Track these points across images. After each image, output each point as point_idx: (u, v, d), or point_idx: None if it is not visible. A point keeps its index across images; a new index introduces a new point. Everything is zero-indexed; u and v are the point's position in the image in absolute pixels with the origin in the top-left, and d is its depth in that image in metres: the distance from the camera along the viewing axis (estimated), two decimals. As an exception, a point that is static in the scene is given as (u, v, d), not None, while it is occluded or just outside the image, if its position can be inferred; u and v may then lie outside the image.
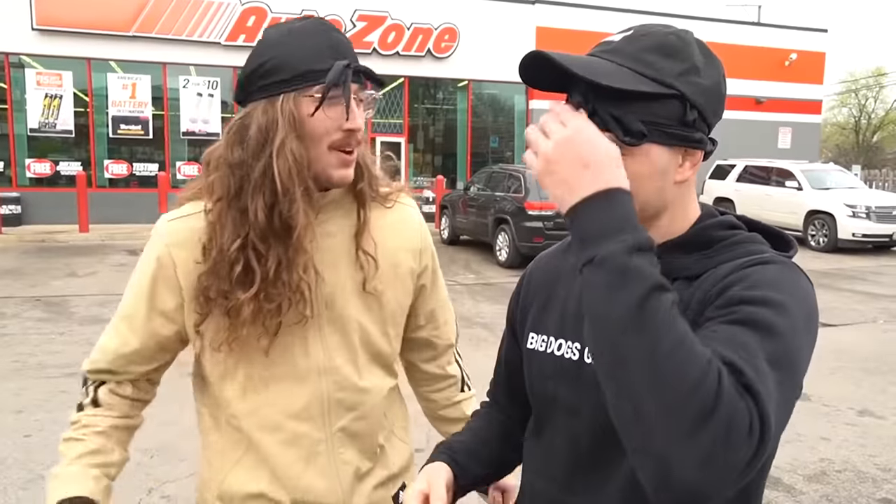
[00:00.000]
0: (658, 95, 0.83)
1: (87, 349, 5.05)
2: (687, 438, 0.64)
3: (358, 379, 1.20)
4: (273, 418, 1.16)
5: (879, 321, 7.46)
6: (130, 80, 14.90)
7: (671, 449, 0.65)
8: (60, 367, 5.28)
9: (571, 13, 17.35)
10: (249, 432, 1.17)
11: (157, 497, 3.27)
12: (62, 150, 14.87)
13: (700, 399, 0.64)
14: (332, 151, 1.09)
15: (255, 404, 1.16)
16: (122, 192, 15.02)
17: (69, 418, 1.21)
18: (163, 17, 14.61)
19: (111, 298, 7.75)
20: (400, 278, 1.24)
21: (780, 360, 0.72)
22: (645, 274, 0.70)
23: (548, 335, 0.99)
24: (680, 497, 0.67)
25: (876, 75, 37.32)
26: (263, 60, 1.09)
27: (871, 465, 3.78)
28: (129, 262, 10.58)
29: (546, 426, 1.00)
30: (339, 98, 1.06)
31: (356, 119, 1.09)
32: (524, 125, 17.49)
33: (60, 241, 12.56)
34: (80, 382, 1.22)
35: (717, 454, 0.64)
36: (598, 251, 0.72)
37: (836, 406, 4.69)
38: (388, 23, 15.94)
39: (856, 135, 38.18)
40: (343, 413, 1.19)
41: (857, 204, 12.69)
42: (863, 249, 12.87)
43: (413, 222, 1.28)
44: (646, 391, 0.66)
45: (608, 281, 0.70)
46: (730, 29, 18.72)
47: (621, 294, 0.69)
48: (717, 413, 0.64)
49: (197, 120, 15.40)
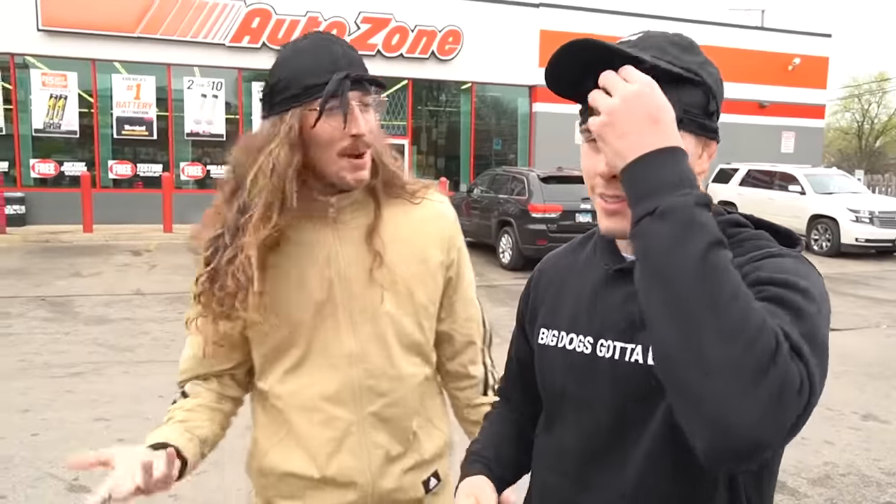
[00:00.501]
0: (691, 81, 0.86)
1: (92, 349, 5.10)
2: (747, 390, 0.65)
3: (390, 367, 1.26)
4: (309, 400, 1.24)
5: (883, 326, 7.46)
6: (135, 81, 14.94)
7: (732, 401, 0.65)
8: (66, 367, 5.31)
9: (575, 16, 17.36)
10: (288, 413, 1.26)
11: (164, 496, 3.27)
12: (66, 151, 14.90)
13: (759, 352, 0.66)
14: (343, 157, 1.17)
15: (294, 387, 1.25)
16: (127, 193, 15.05)
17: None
18: (168, 18, 14.65)
19: (116, 299, 7.78)
20: (430, 272, 1.30)
21: (812, 339, 0.72)
22: (709, 227, 0.71)
23: (559, 330, 1.01)
24: (731, 451, 0.67)
25: (879, 80, 37.30)
26: (276, 80, 1.18)
27: (875, 469, 3.79)
28: (133, 262, 10.62)
29: (557, 421, 1.01)
30: (339, 108, 1.13)
31: (358, 125, 1.15)
32: (527, 128, 17.51)
33: (65, 241, 12.59)
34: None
35: (772, 408, 0.65)
36: (661, 203, 0.72)
37: (840, 410, 4.70)
38: (392, 25, 15.96)
39: (859, 140, 38.14)
40: (374, 398, 1.25)
41: (861, 209, 12.69)
42: (866, 254, 12.86)
43: (442, 218, 1.33)
44: (709, 340, 0.66)
45: (673, 232, 0.71)
46: (733, 33, 18.73)
47: (687, 244, 0.69)
48: (775, 369, 0.65)
49: (201, 121, 15.43)
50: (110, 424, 4.20)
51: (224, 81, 15.46)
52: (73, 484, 3.40)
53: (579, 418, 0.96)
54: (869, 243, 12.62)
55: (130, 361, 5.54)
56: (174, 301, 7.73)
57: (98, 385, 4.93)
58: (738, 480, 0.88)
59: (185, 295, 5.83)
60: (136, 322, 6.84)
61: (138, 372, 5.27)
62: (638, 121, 0.75)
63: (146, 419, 4.32)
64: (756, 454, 0.67)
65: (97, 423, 4.21)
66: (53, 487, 3.36)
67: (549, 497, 1.01)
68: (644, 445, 0.88)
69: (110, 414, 4.36)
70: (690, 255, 0.69)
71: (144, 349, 5.92)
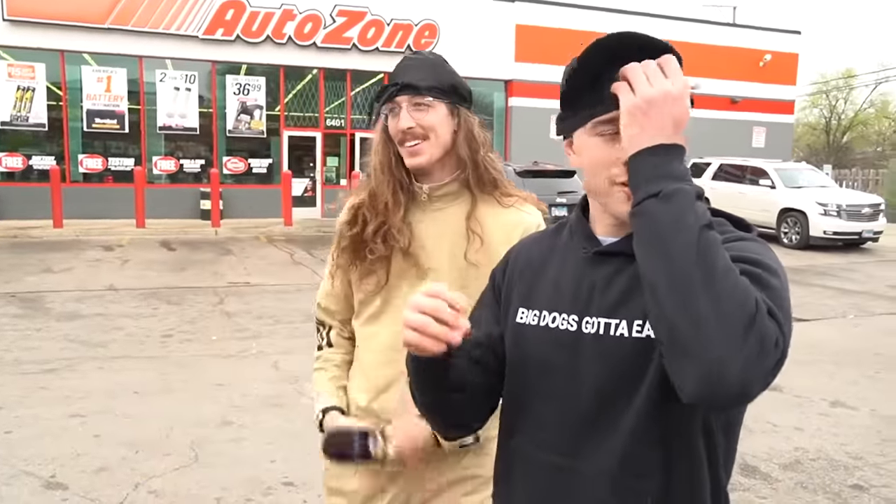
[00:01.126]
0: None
1: (64, 345, 5.03)
2: (738, 343, 0.77)
3: None
4: (378, 344, 1.50)
5: (850, 316, 7.66)
6: (105, 74, 14.67)
7: (725, 352, 0.77)
8: (38, 363, 5.22)
9: (551, 11, 17.45)
10: (363, 350, 1.55)
11: (143, 492, 3.26)
12: (34, 144, 14.59)
13: (747, 311, 0.78)
14: (401, 146, 1.45)
15: (371, 332, 1.53)
16: (98, 188, 14.79)
17: (313, 354, 1.64)
18: (139, 9, 14.40)
19: (88, 294, 7.64)
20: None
21: (780, 306, 0.84)
22: (703, 212, 0.85)
23: (540, 310, 1.05)
24: (723, 393, 0.78)
25: (846, 77, 38.08)
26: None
27: (842, 454, 3.90)
28: (105, 258, 10.44)
29: (536, 396, 1.04)
30: (386, 110, 1.46)
31: (400, 121, 1.43)
32: (504, 122, 17.56)
33: (34, 236, 12.34)
34: (315, 329, 1.66)
35: (756, 359, 0.78)
36: (667, 187, 0.85)
37: (809, 397, 4.82)
38: (367, 18, 15.88)
39: (826, 135, 38.89)
40: None
41: (829, 202, 12.98)
42: (833, 247, 13.17)
43: (521, 225, 1.47)
44: (707, 303, 0.78)
45: (676, 211, 0.83)
46: (705, 29, 18.98)
47: (688, 222, 0.82)
48: (757, 325, 0.78)
49: (174, 114, 15.21)
50: (85, 421, 4.14)
51: (197, 74, 15.25)
52: (49, 481, 3.35)
53: (565, 390, 1.00)
54: (836, 236, 12.92)
55: (104, 357, 5.47)
56: (148, 297, 7.64)
57: (71, 381, 4.85)
58: (712, 426, 0.96)
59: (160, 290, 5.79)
60: (109, 318, 6.74)
61: (113, 367, 5.20)
62: (666, 117, 0.87)
63: (121, 415, 4.27)
64: (742, 396, 0.80)
65: (72, 420, 4.15)
66: (29, 485, 3.32)
67: (535, 468, 1.04)
68: (632, 410, 0.94)
69: (85, 410, 4.30)
70: (691, 230, 0.82)
71: (118, 345, 5.84)
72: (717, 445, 0.98)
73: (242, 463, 3.60)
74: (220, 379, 4.96)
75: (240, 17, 14.99)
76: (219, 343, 5.99)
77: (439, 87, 1.44)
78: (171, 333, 6.24)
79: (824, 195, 13.32)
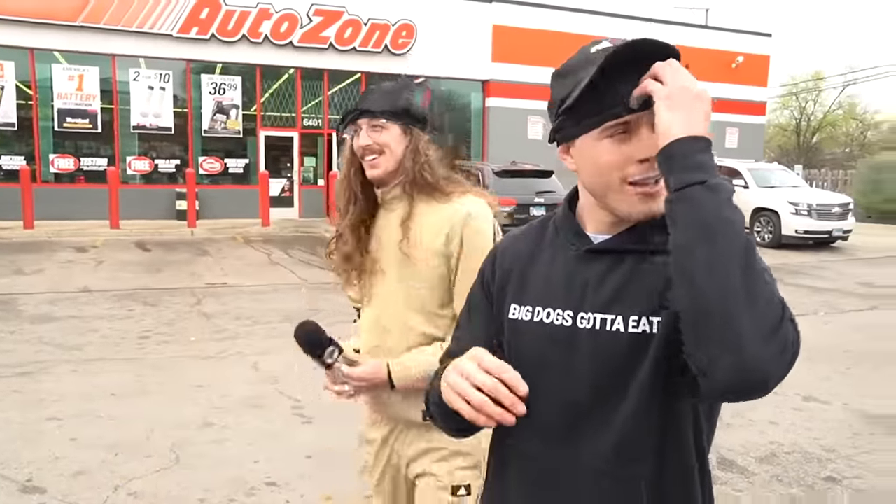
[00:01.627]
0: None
1: (38, 347, 4.96)
2: (769, 340, 0.81)
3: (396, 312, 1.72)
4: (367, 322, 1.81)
5: (821, 313, 7.82)
6: (77, 72, 14.42)
7: (759, 348, 0.80)
8: (12, 367, 5.12)
9: (528, 12, 17.54)
10: (361, 327, 1.85)
11: (123, 494, 3.22)
12: (3, 144, 14.27)
13: (775, 311, 0.83)
14: (363, 160, 1.71)
15: (364, 313, 1.83)
16: (69, 188, 14.53)
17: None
18: (112, 6, 14.17)
19: (61, 296, 7.52)
20: (431, 252, 1.68)
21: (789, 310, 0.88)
22: (741, 212, 0.87)
23: (533, 305, 1.06)
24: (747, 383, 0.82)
25: (815, 79, 38.85)
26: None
27: (816, 447, 4.00)
28: (78, 259, 10.27)
29: (530, 391, 1.02)
30: (347, 132, 1.73)
31: (360, 140, 1.69)
32: (481, 122, 17.62)
33: (4, 237, 12.08)
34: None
35: (779, 356, 0.82)
36: (712, 178, 0.86)
37: (783, 393, 4.92)
38: (344, 18, 15.82)
39: (797, 136, 39.65)
40: (381, 334, 1.75)
41: (800, 202, 13.24)
42: (805, 245, 13.43)
43: (452, 216, 1.66)
44: (746, 299, 0.81)
45: (724, 203, 0.85)
46: (678, 31, 19.22)
47: (734, 218, 0.84)
48: (784, 326, 0.83)
49: (148, 114, 15.00)
50: (62, 424, 4.08)
51: (172, 73, 15.06)
52: (25, 485, 3.30)
53: (561, 385, 1.01)
54: (808, 235, 13.18)
55: (79, 360, 5.38)
56: (123, 298, 7.53)
57: (46, 384, 4.77)
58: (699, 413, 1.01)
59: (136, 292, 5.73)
60: (83, 320, 6.63)
61: (89, 370, 5.13)
62: (699, 108, 0.89)
63: (99, 417, 4.21)
64: (763, 392, 0.84)
65: (48, 423, 4.08)
66: (5, 489, 3.26)
67: (532, 464, 1.05)
68: (628, 403, 0.96)
69: (62, 413, 4.23)
70: (736, 227, 0.84)
71: (94, 347, 5.75)
72: (702, 431, 1.02)
73: (225, 464, 3.57)
74: (199, 380, 4.91)
75: (215, 16, 14.83)
76: (197, 344, 5.93)
77: (392, 111, 1.68)
78: (147, 335, 6.17)
79: (796, 195, 13.59)
